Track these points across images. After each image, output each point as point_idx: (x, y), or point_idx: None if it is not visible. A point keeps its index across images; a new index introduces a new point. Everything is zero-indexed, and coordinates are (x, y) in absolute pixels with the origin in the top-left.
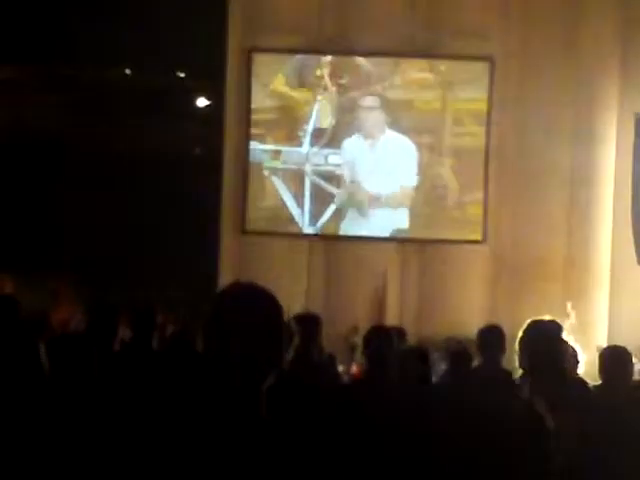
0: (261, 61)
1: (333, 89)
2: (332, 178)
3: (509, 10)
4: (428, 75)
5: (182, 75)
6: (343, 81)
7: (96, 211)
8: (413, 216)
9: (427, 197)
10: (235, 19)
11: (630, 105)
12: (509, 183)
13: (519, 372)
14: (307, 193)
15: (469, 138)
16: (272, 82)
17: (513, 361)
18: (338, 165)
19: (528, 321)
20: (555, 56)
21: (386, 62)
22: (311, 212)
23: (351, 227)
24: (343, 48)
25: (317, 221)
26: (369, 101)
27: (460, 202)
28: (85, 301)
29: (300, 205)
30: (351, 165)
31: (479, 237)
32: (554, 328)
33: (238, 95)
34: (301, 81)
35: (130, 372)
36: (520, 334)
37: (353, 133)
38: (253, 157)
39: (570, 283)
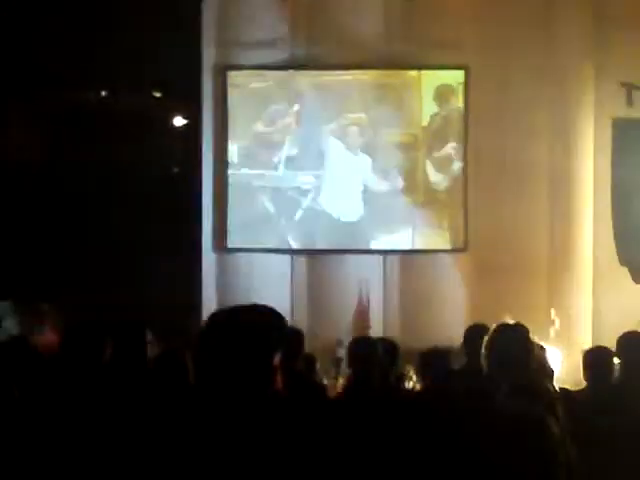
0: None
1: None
2: (303, 192)
3: (483, 18)
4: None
5: (158, 95)
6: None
7: (75, 232)
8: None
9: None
10: (209, 37)
11: (606, 109)
12: (488, 188)
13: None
14: (284, 205)
15: (448, 148)
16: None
17: None
18: (308, 183)
19: (494, 325)
20: (531, 63)
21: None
22: (287, 219)
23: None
24: (317, 63)
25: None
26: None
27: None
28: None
29: (279, 212)
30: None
31: (460, 244)
32: (521, 332)
33: (215, 113)
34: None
35: (123, 388)
36: (486, 337)
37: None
38: (241, 179)
39: (553, 286)
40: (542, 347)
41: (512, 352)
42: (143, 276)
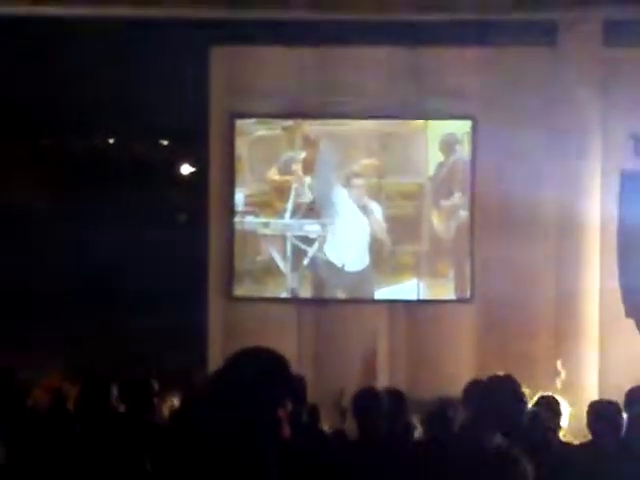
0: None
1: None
2: (309, 242)
3: (488, 68)
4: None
5: (166, 142)
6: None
7: (83, 279)
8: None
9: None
10: (217, 85)
11: (614, 160)
12: (494, 238)
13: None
14: (289, 252)
15: (454, 197)
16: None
17: None
18: (314, 232)
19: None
20: (536, 111)
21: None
22: (293, 266)
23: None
24: (324, 112)
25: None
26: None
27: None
28: (74, 369)
29: (285, 260)
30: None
31: (466, 295)
32: (510, 384)
33: (222, 161)
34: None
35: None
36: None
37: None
38: (247, 226)
39: (560, 338)
40: (554, 399)
41: (500, 403)
42: (151, 325)
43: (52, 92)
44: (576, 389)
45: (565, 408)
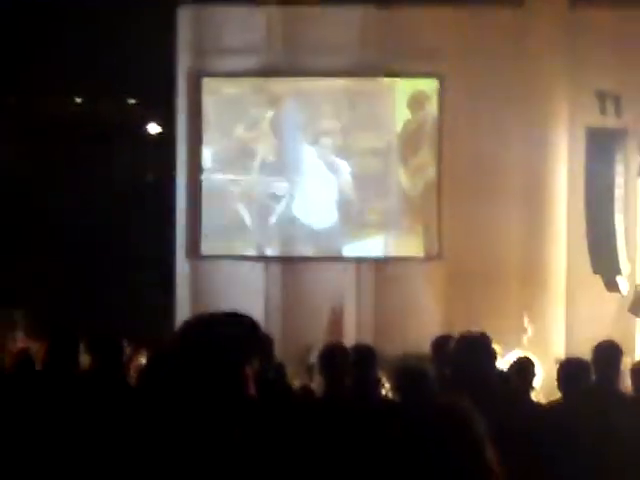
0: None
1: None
2: (277, 198)
3: (457, 28)
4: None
5: (132, 101)
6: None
7: (47, 241)
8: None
9: None
10: (184, 44)
11: (580, 118)
12: (462, 195)
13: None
14: (257, 210)
15: (422, 154)
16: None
17: None
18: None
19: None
20: (505, 71)
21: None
22: (260, 223)
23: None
24: (292, 70)
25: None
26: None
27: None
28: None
29: (252, 217)
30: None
31: (434, 251)
32: (482, 342)
33: (189, 120)
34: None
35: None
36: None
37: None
38: (214, 184)
39: (527, 295)
40: (529, 361)
41: (472, 361)
42: (117, 282)
43: (18, 51)
44: (544, 345)
45: (538, 369)
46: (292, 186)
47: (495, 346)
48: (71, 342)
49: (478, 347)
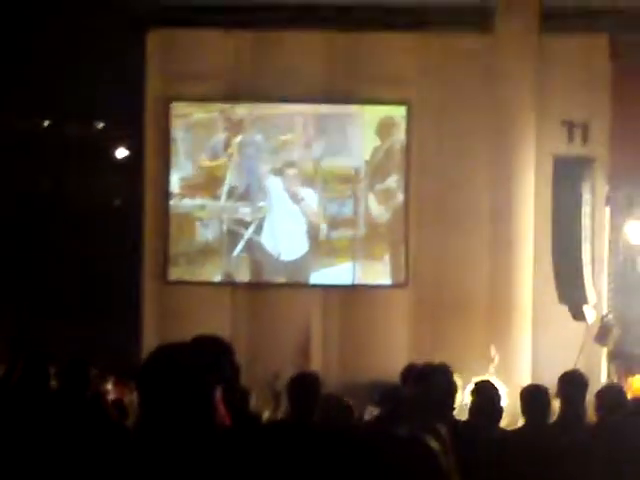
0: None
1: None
2: (245, 224)
3: (424, 54)
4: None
5: (101, 125)
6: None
7: (14, 262)
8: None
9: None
10: (153, 68)
11: (548, 145)
12: (429, 222)
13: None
14: (224, 235)
15: (390, 181)
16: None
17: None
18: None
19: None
20: (472, 97)
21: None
22: (228, 249)
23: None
24: (260, 96)
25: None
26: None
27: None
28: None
29: (220, 243)
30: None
31: (401, 279)
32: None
33: (158, 144)
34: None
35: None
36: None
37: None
38: (182, 209)
39: (493, 323)
40: (494, 387)
41: (433, 393)
42: (84, 307)
43: None
44: (509, 374)
45: (503, 392)
46: (259, 211)
47: (460, 375)
48: (42, 367)
49: (438, 377)
